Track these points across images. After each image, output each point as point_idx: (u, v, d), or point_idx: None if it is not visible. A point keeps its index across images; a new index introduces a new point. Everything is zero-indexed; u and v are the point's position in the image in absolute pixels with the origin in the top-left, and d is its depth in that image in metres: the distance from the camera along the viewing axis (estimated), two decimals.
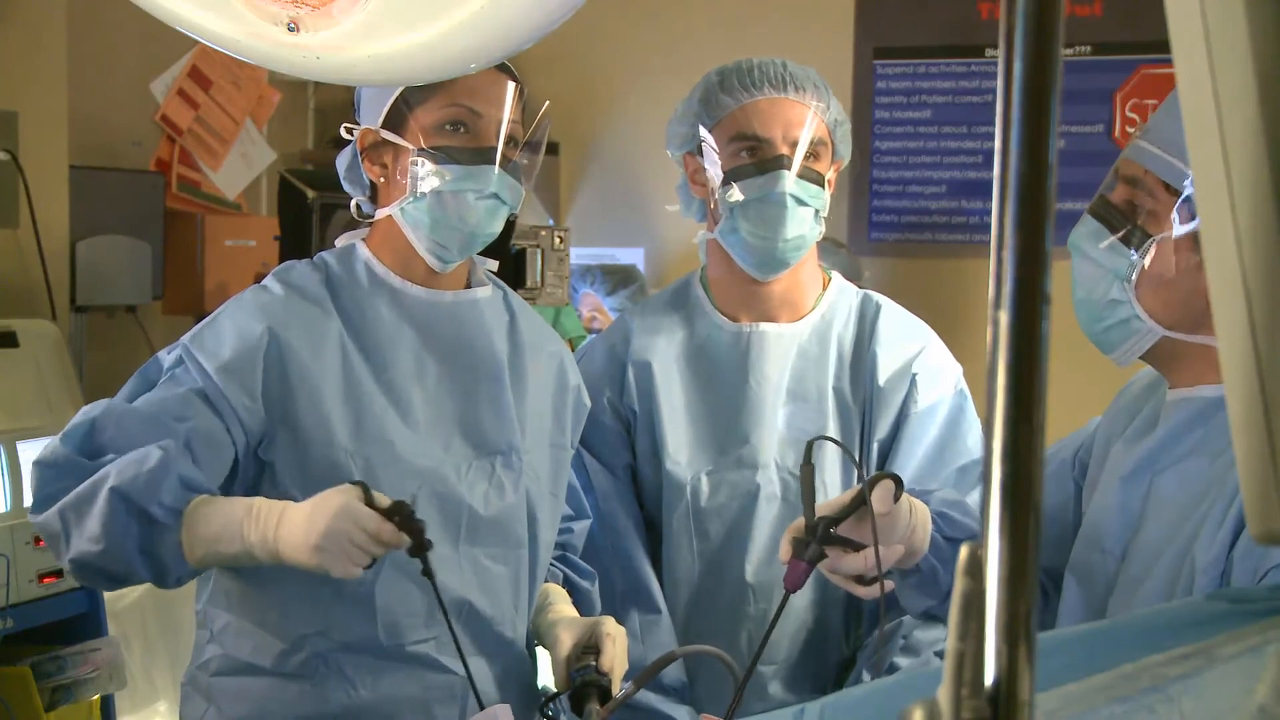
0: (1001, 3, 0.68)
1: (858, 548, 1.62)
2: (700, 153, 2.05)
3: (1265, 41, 0.89)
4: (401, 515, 1.61)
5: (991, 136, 0.68)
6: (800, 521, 1.65)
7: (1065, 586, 1.70)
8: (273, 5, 1.38)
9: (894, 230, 5.06)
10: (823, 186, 2.02)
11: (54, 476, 1.70)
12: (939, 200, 5.00)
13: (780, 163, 1.98)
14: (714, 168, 2.03)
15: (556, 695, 1.83)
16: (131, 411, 1.73)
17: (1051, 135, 0.67)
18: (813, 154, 2.01)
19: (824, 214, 2.04)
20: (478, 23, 1.35)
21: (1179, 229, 1.59)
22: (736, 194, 1.99)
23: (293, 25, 1.38)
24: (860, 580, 1.64)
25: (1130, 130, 4.69)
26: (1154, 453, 1.64)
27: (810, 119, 2.00)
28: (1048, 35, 0.67)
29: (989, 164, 4.77)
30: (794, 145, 1.99)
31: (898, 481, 1.65)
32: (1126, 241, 1.62)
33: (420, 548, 1.63)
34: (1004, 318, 0.66)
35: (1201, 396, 1.62)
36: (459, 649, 1.73)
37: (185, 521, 1.64)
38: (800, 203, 1.99)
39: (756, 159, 2.00)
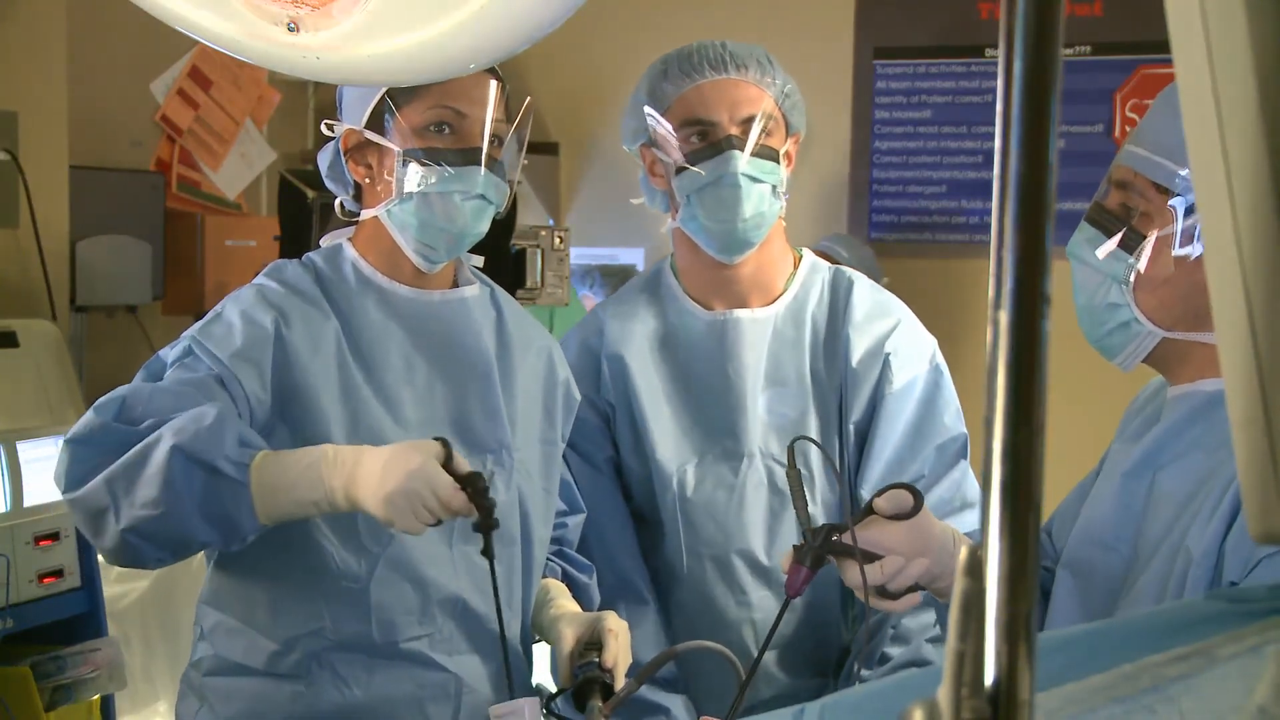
0: (1001, 3, 0.67)
1: (856, 555, 1.60)
2: (655, 144, 2.05)
3: (1265, 41, 0.89)
4: (475, 488, 1.61)
5: (991, 136, 0.68)
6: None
7: (1058, 582, 1.70)
8: (273, 5, 1.38)
9: (894, 230, 5.06)
10: (778, 162, 2.01)
11: (91, 451, 1.66)
12: (939, 200, 5.00)
13: (730, 143, 1.97)
14: (668, 156, 2.02)
15: (560, 692, 1.83)
16: (161, 389, 1.70)
17: (1051, 135, 0.67)
18: (764, 130, 1.99)
19: (783, 189, 2.03)
20: (478, 23, 1.35)
21: (1171, 228, 1.60)
22: (691, 180, 1.99)
23: (293, 25, 1.38)
24: (882, 592, 1.62)
25: (1130, 130, 4.69)
26: (1155, 449, 1.65)
27: (755, 96, 2.00)
28: (1048, 35, 0.67)
29: (989, 164, 4.77)
30: (743, 124, 1.98)
31: (915, 494, 1.64)
32: (1122, 245, 1.63)
33: (486, 525, 1.63)
34: (1004, 318, 0.66)
35: (1201, 391, 1.62)
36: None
37: (254, 475, 1.62)
38: (755, 180, 1.98)
39: (707, 143, 1.99)
